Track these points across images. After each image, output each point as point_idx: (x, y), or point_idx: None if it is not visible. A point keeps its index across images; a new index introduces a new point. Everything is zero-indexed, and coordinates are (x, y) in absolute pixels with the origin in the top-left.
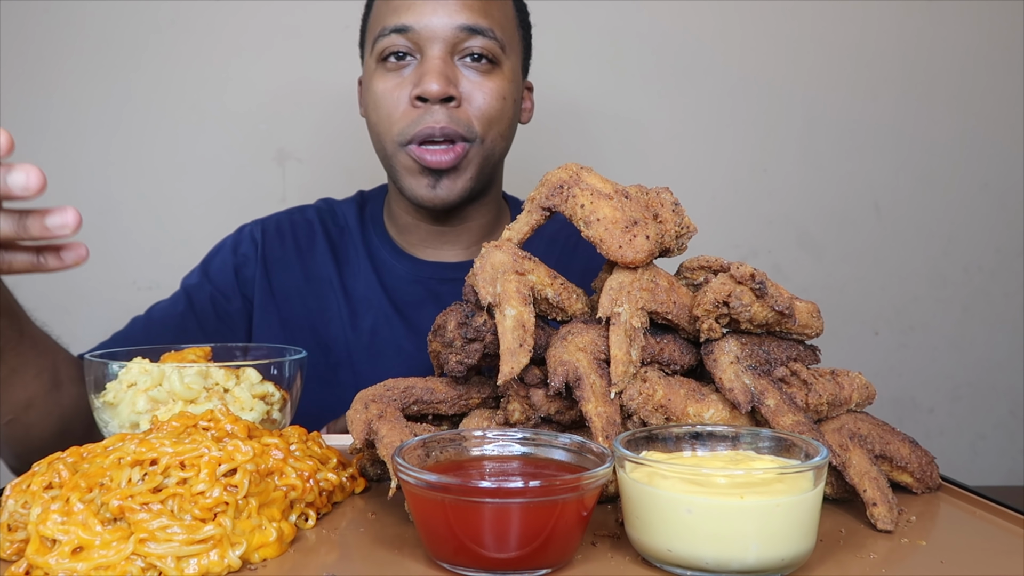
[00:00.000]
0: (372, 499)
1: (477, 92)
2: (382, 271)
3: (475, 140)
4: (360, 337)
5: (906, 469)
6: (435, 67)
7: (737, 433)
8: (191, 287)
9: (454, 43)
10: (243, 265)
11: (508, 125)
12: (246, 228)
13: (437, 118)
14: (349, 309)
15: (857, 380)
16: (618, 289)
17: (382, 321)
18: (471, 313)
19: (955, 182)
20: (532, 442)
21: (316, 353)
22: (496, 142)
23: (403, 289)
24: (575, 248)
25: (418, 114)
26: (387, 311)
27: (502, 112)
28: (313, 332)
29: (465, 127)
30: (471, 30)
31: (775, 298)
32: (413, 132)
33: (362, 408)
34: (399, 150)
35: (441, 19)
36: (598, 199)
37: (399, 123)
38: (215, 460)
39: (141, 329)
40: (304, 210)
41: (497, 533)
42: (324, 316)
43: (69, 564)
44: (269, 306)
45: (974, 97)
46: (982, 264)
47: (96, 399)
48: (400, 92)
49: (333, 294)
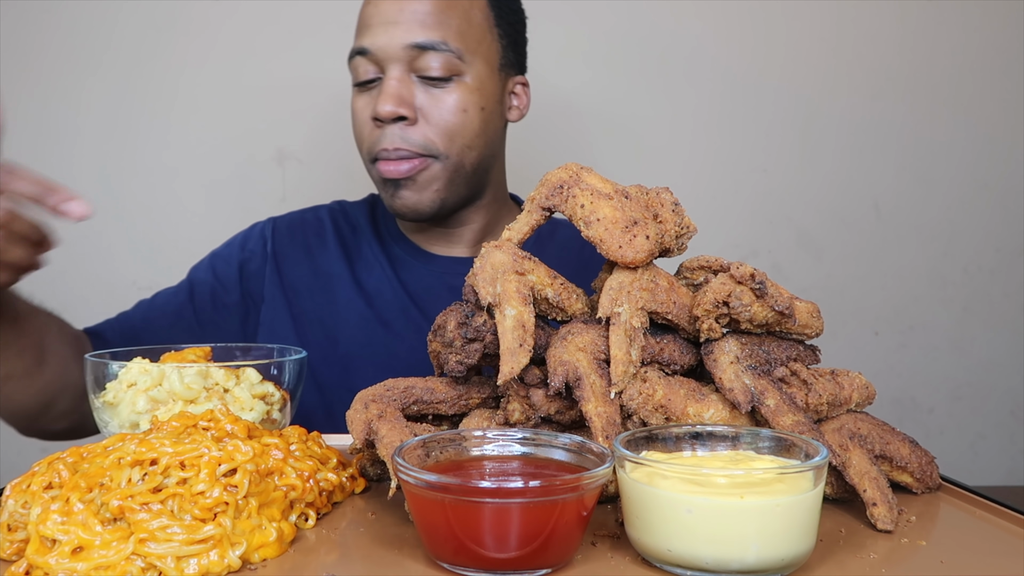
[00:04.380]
0: (372, 499)
1: (434, 108)
2: (396, 264)
3: (439, 156)
4: (375, 328)
5: (906, 469)
6: (388, 88)
7: (737, 433)
8: (195, 279)
9: (408, 61)
10: (248, 261)
11: (476, 135)
12: (258, 225)
13: (391, 139)
14: (364, 301)
15: (857, 380)
16: (618, 289)
17: (397, 311)
18: (471, 313)
19: (955, 182)
20: (532, 442)
21: (325, 346)
22: (464, 154)
23: (418, 281)
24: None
25: (379, 133)
26: (403, 302)
27: (464, 124)
28: (321, 325)
29: (420, 145)
30: (422, 47)
31: (775, 298)
32: (375, 150)
33: (362, 408)
34: (370, 166)
35: (392, 39)
36: (598, 199)
37: (366, 141)
38: (215, 460)
39: (142, 312)
40: (317, 209)
41: (497, 533)
42: (333, 309)
43: (69, 564)
44: (279, 300)
45: (974, 97)
46: (982, 264)
47: (96, 399)
48: (367, 111)
49: (344, 289)
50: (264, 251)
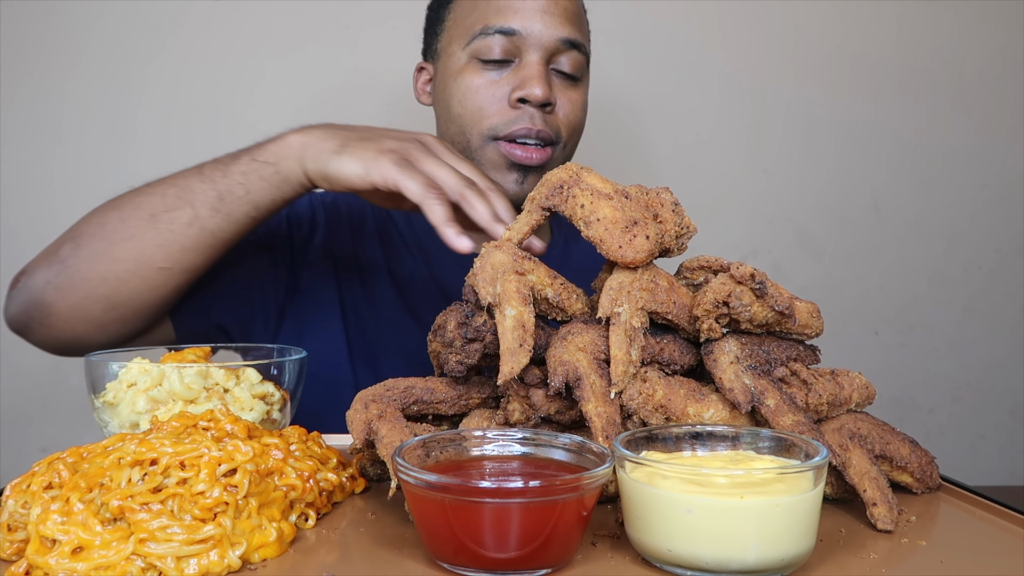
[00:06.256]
0: (372, 499)
1: (566, 101)
2: (430, 257)
3: (560, 144)
4: (404, 318)
5: (906, 469)
6: (539, 73)
7: (737, 433)
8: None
9: (553, 52)
10: (298, 225)
11: (581, 134)
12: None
13: (535, 120)
14: (395, 291)
15: (857, 380)
16: (618, 289)
17: (427, 303)
18: (471, 313)
19: (955, 182)
20: (532, 442)
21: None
22: (572, 149)
23: (452, 274)
24: None
25: (516, 114)
26: (433, 295)
27: (582, 122)
28: (355, 312)
29: (555, 132)
30: (570, 43)
31: (775, 298)
32: (508, 130)
33: (362, 408)
34: (487, 144)
35: (546, 28)
36: (598, 199)
37: (492, 119)
38: (215, 460)
39: None
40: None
41: (497, 533)
42: (366, 295)
43: (69, 564)
44: (324, 272)
45: (974, 97)
46: (982, 264)
47: (96, 399)
48: (497, 90)
49: (378, 277)
50: (313, 219)
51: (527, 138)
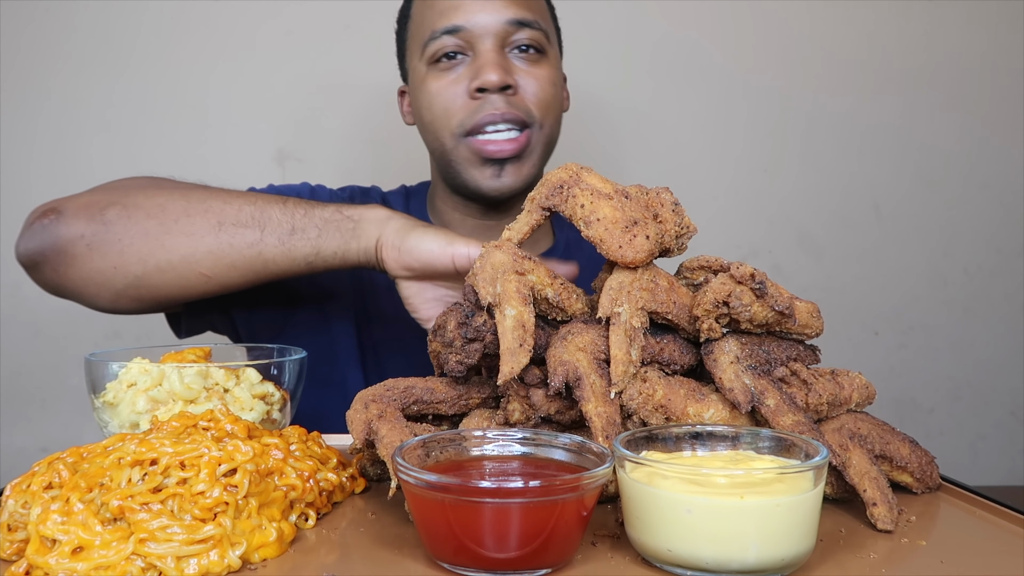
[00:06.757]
0: (372, 499)
1: (530, 80)
2: None
3: (535, 125)
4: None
5: (906, 469)
6: (491, 59)
7: (737, 433)
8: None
9: (503, 37)
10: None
11: (559, 110)
12: (347, 188)
13: (497, 105)
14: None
15: (857, 380)
16: (618, 289)
17: None
18: (471, 313)
19: (955, 182)
20: (532, 442)
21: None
22: (553, 128)
23: None
24: None
25: (477, 104)
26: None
27: (554, 97)
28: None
29: (525, 112)
30: (519, 23)
31: (775, 298)
32: (473, 122)
33: (362, 408)
34: (459, 143)
35: (490, 16)
36: (598, 199)
37: (457, 115)
38: (215, 460)
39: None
40: (367, 192)
41: (497, 533)
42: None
43: (69, 564)
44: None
45: (974, 97)
46: (982, 264)
47: (96, 399)
48: (456, 88)
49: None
50: None
51: (496, 124)
